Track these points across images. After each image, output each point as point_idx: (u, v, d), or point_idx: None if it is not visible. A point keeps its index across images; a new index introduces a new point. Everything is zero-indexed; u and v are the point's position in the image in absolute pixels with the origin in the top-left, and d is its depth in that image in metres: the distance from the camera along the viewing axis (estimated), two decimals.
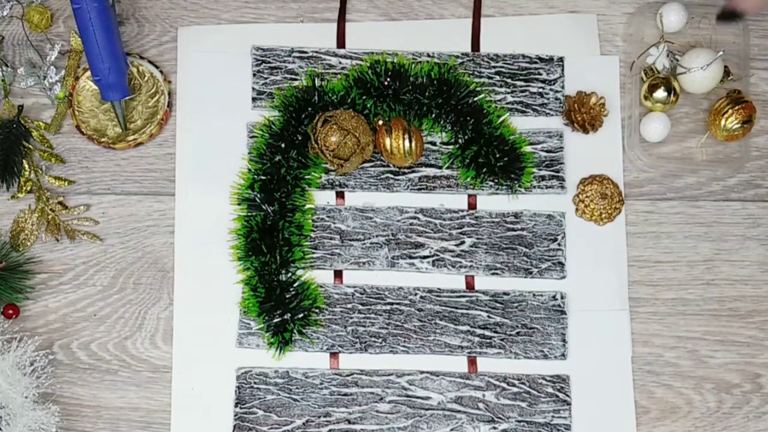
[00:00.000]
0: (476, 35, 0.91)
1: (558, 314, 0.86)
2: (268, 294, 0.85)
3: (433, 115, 0.88)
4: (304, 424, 0.85)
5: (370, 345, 0.86)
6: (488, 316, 0.86)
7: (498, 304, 0.87)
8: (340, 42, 0.91)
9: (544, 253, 0.87)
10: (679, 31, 0.90)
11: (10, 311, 0.86)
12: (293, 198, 0.87)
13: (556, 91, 0.90)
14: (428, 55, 0.90)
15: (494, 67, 0.90)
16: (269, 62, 0.90)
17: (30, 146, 0.89)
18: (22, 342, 0.83)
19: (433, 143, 0.89)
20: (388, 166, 0.89)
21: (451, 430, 0.85)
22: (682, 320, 0.87)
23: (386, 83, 0.86)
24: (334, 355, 0.86)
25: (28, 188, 0.88)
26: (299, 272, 0.87)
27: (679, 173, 0.89)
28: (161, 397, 0.86)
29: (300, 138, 0.88)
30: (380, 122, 0.87)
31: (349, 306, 0.87)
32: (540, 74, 0.90)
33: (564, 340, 0.86)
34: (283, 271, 0.86)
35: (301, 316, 0.85)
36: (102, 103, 0.90)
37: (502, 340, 0.86)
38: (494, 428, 0.84)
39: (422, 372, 0.86)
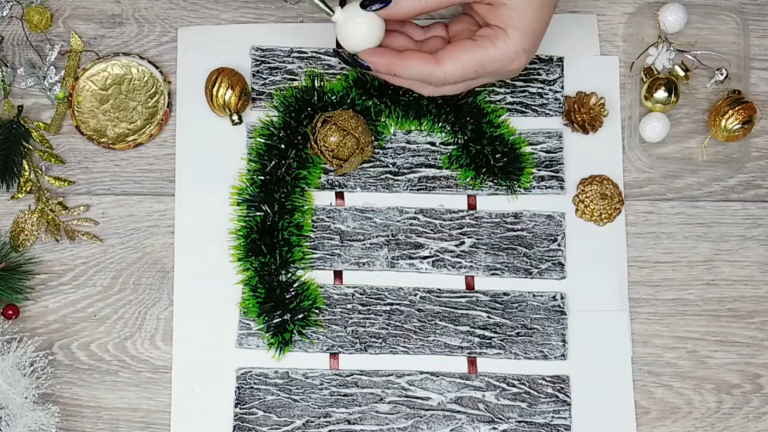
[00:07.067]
0: None
1: (558, 314, 0.86)
2: (268, 294, 0.85)
3: (433, 115, 0.88)
4: (304, 424, 0.85)
5: (370, 345, 0.86)
6: (488, 317, 0.86)
7: (498, 305, 0.86)
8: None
9: (544, 254, 0.87)
10: (679, 31, 0.89)
11: (10, 312, 0.86)
12: (293, 198, 0.87)
13: (556, 92, 0.90)
14: None
15: None
16: (268, 62, 0.90)
17: (30, 146, 0.89)
18: (22, 342, 0.83)
19: (433, 143, 0.89)
20: (387, 166, 0.88)
21: (451, 430, 0.85)
22: (682, 320, 0.87)
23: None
24: (333, 355, 0.86)
25: (28, 188, 0.89)
26: (299, 273, 0.87)
27: (679, 173, 0.89)
28: (161, 398, 0.86)
29: (299, 138, 0.87)
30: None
31: (349, 306, 0.87)
32: (539, 74, 0.90)
33: (564, 341, 0.86)
34: (283, 272, 0.86)
35: (301, 316, 0.85)
36: (102, 103, 0.90)
37: (502, 340, 0.86)
38: (494, 429, 0.84)
39: (422, 372, 0.86)
